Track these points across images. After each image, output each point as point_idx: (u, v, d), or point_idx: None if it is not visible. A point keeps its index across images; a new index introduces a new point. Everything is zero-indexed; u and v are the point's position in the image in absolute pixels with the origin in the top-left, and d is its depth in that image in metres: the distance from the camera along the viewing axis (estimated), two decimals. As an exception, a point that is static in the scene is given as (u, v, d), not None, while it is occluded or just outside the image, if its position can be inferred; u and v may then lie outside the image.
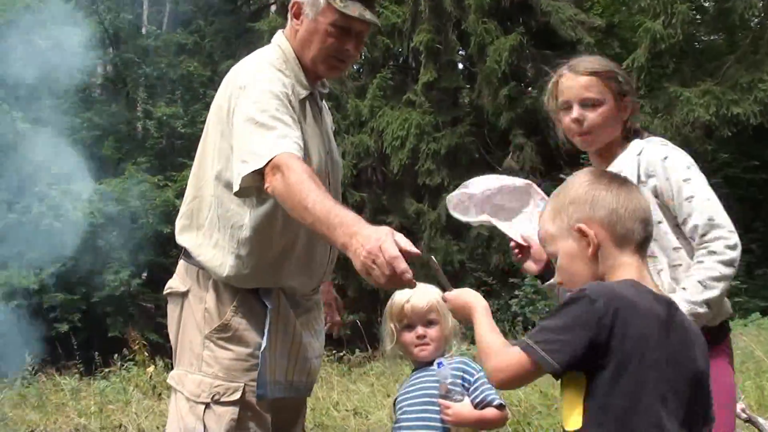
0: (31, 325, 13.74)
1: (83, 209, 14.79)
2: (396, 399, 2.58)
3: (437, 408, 2.43)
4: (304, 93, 2.55)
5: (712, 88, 12.39)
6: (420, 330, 2.52)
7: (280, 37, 2.64)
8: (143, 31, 19.98)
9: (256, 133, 2.29)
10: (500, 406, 2.46)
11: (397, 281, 1.89)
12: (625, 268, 1.77)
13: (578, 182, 1.85)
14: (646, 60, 12.91)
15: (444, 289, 2.11)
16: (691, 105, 12.26)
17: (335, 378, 6.74)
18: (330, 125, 2.81)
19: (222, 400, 2.43)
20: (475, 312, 1.93)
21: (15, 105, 15.28)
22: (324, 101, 2.76)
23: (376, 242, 1.89)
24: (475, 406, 2.44)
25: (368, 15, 2.50)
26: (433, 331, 2.52)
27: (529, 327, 11.12)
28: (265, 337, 2.46)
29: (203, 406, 2.44)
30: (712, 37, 15.44)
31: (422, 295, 2.54)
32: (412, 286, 1.94)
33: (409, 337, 2.54)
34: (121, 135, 17.37)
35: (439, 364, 2.45)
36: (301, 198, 2.10)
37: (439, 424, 2.43)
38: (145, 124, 17.70)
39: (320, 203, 2.06)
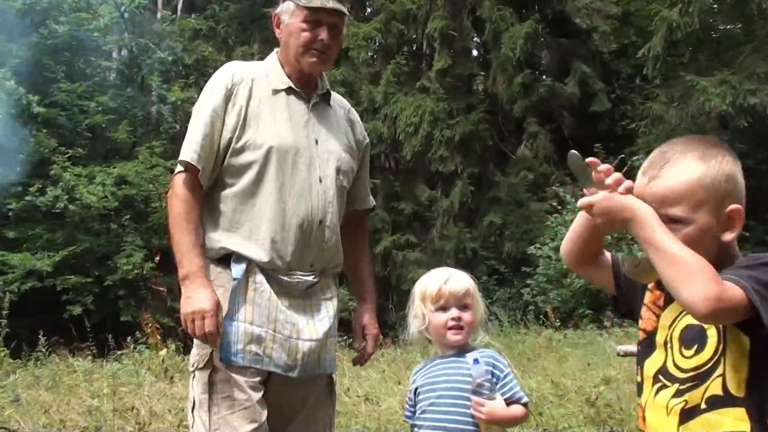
0: (44, 306, 13.88)
1: (97, 192, 14.84)
2: (418, 387, 2.49)
3: (467, 403, 2.37)
4: (281, 86, 2.80)
5: (728, 78, 12.30)
6: (455, 312, 2.45)
7: (271, 54, 2.92)
8: (158, 15, 19.97)
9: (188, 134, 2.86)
10: (526, 404, 2.43)
11: (203, 338, 2.59)
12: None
13: (726, 156, 1.68)
14: (662, 49, 12.85)
15: (584, 191, 1.74)
16: (707, 94, 12.18)
17: (346, 364, 6.72)
18: (336, 122, 2.93)
19: (200, 366, 2.66)
20: (643, 217, 1.61)
21: (31, 88, 15.34)
22: (333, 102, 2.94)
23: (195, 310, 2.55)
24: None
25: (330, 3, 2.73)
26: (467, 315, 2.46)
27: (541, 316, 11.08)
28: (226, 304, 2.62)
29: (193, 374, 2.70)
30: (729, 27, 15.30)
31: (459, 278, 2.49)
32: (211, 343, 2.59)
33: (443, 319, 2.45)
34: (135, 119, 17.36)
35: (475, 360, 2.39)
36: (173, 226, 2.65)
37: (469, 419, 2.37)
38: (159, 109, 17.68)
39: (178, 242, 2.63)
